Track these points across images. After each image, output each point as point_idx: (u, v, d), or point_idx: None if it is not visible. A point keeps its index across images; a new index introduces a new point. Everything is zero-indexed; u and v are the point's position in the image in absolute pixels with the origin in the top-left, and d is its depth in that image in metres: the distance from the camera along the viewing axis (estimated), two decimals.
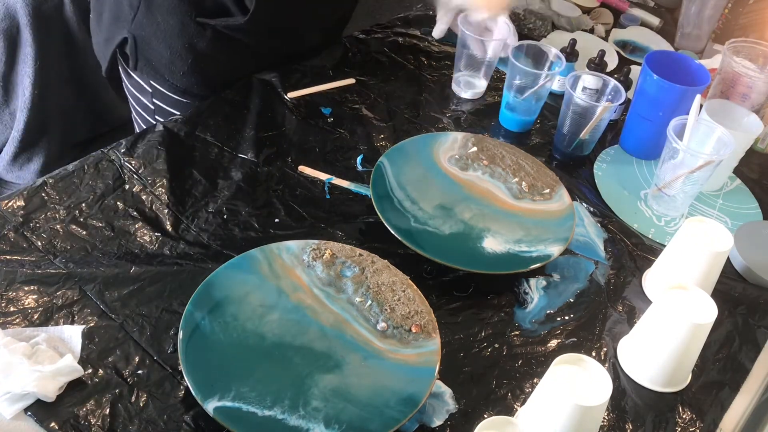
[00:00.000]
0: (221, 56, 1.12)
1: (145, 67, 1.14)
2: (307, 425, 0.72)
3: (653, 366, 0.82)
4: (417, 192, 1.00)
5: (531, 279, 0.93)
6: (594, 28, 1.47)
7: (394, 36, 1.35)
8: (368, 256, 0.88)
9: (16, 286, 0.81)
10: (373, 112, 1.16)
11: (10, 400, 0.70)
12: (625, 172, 1.14)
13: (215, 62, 1.13)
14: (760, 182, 1.18)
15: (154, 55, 1.12)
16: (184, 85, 1.14)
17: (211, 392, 0.72)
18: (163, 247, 0.89)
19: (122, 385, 0.74)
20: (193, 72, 1.12)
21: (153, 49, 1.11)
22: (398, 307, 0.84)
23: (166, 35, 1.09)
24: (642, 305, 0.92)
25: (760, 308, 0.95)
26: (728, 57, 1.15)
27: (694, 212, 1.09)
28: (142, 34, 1.10)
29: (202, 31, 1.09)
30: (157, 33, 1.09)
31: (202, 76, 1.13)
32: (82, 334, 0.77)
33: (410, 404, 0.74)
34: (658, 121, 1.10)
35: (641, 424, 0.80)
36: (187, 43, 1.10)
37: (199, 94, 1.15)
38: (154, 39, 1.10)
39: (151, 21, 1.09)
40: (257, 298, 0.83)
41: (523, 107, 1.16)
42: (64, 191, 0.93)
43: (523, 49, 1.17)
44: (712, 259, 0.87)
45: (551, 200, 1.02)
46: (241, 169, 1.01)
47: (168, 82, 1.14)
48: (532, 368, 0.83)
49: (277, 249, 0.87)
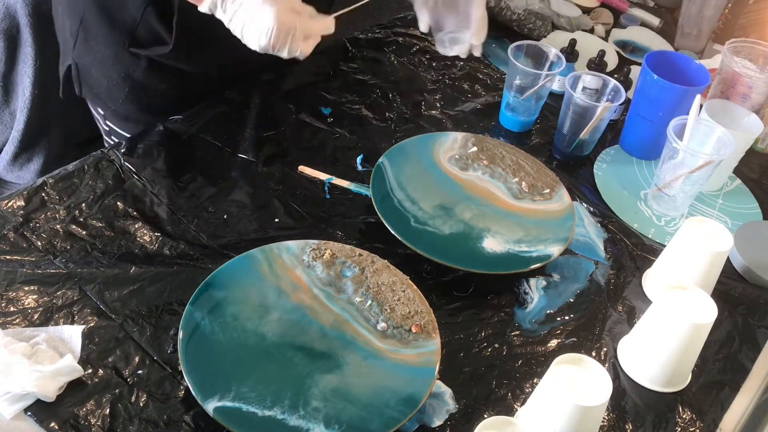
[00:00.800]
0: (161, 84, 1.09)
1: (89, 94, 1.13)
2: (307, 425, 0.72)
3: (653, 366, 0.82)
4: (417, 192, 1.00)
5: (531, 279, 0.93)
6: (594, 28, 1.47)
7: (394, 36, 1.35)
8: (368, 256, 0.88)
9: (16, 286, 0.81)
10: (373, 112, 1.16)
11: (10, 400, 0.70)
12: (625, 172, 1.14)
13: (154, 90, 1.10)
14: (760, 182, 1.18)
15: (95, 83, 1.10)
16: (125, 112, 1.12)
17: (211, 392, 0.72)
18: (163, 247, 0.89)
19: (122, 385, 0.74)
20: (131, 100, 1.10)
21: (93, 77, 1.10)
22: (398, 307, 0.84)
23: (102, 65, 1.08)
24: (642, 305, 0.92)
25: (760, 308, 0.95)
26: (728, 57, 1.15)
27: (694, 212, 1.09)
28: (83, 62, 1.09)
29: (137, 61, 1.06)
30: (94, 62, 1.08)
31: (141, 104, 1.10)
32: (82, 334, 0.77)
33: (410, 404, 0.74)
34: (658, 121, 1.10)
35: (641, 424, 0.80)
36: (123, 72, 1.07)
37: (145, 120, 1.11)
38: (93, 68, 1.09)
39: (89, 50, 1.07)
40: (257, 298, 0.83)
41: (523, 107, 1.16)
42: (64, 191, 0.93)
43: (523, 49, 1.17)
44: (712, 259, 0.87)
45: (551, 200, 1.02)
46: (241, 169, 1.01)
47: (110, 108, 1.12)
48: (532, 368, 0.83)
49: (277, 249, 0.87)
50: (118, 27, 1.04)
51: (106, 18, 1.04)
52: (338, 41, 1.31)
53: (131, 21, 1.02)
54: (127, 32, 1.04)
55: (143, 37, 1.04)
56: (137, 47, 1.05)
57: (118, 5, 1.03)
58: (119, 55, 1.06)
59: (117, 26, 1.04)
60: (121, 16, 1.03)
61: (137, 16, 1.02)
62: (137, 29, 1.03)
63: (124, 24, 1.03)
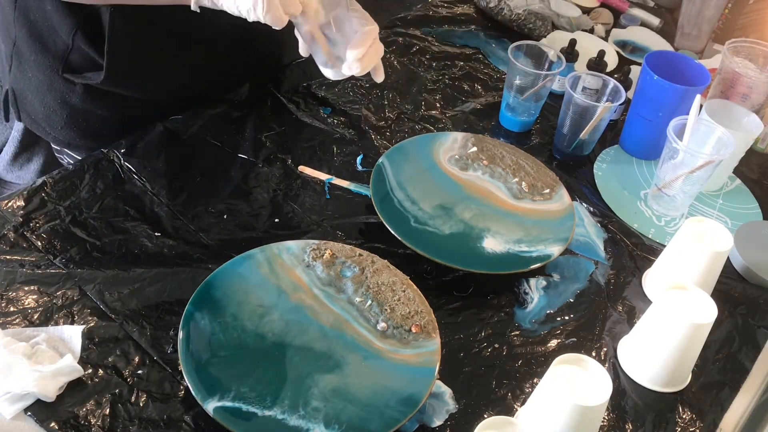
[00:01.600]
0: (100, 110, 1.04)
1: (27, 120, 1.09)
2: (307, 425, 0.72)
3: (653, 366, 0.82)
4: (417, 192, 1.00)
5: (531, 279, 0.93)
6: (594, 28, 1.47)
7: (394, 36, 1.35)
8: (368, 256, 0.88)
9: (16, 286, 0.81)
10: (373, 112, 1.16)
11: (10, 400, 0.70)
12: (625, 172, 1.14)
13: (94, 116, 1.04)
14: (760, 182, 1.18)
15: (32, 110, 1.06)
16: (66, 138, 1.07)
17: (211, 392, 0.72)
18: (163, 247, 0.89)
19: (122, 385, 0.74)
20: (71, 126, 1.05)
21: (29, 103, 1.06)
22: (398, 307, 0.84)
23: (38, 90, 1.03)
24: (642, 305, 0.92)
25: (760, 308, 0.95)
26: (728, 57, 1.15)
27: (694, 212, 1.09)
28: (19, 87, 1.06)
29: (72, 86, 1.01)
30: (30, 87, 1.04)
31: (82, 130, 1.05)
32: (82, 334, 0.77)
33: (410, 404, 0.74)
34: (658, 121, 1.10)
35: (641, 424, 0.80)
36: (59, 98, 1.03)
37: (89, 146, 1.07)
38: (29, 93, 1.05)
39: (24, 75, 1.03)
40: (257, 298, 0.83)
41: (523, 107, 1.16)
42: (64, 191, 0.93)
43: (523, 49, 1.17)
44: (712, 259, 0.87)
45: (551, 200, 1.02)
46: (241, 169, 1.01)
47: (51, 135, 1.07)
48: (532, 368, 0.83)
49: (277, 249, 0.87)
50: (50, 52, 0.99)
51: (37, 43, 0.99)
52: None
53: (63, 46, 0.98)
54: (59, 58, 0.99)
55: (77, 63, 0.99)
56: (71, 73, 1.00)
57: (48, 30, 0.98)
58: (54, 81, 1.02)
59: (49, 51, 0.99)
60: (53, 41, 0.98)
61: (68, 42, 0.97)
62: (70, 55, 0.98)
63: (56, 49, 0.99)
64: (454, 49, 1.35)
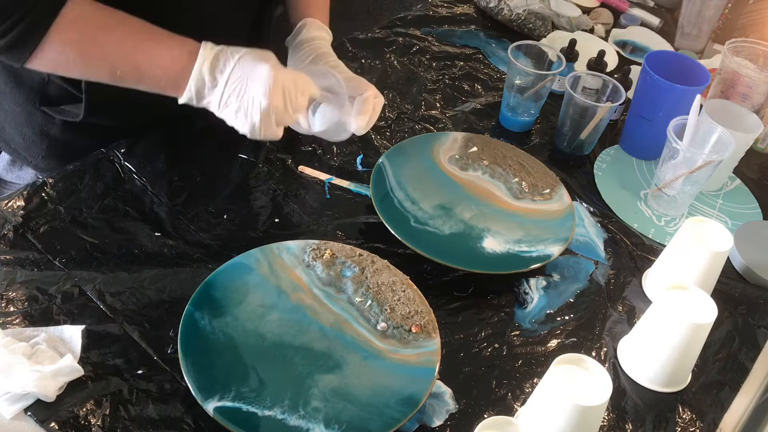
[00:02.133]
0: (80, 140, 1.01)
1: (7, 149, 1.06)
2: (307, 425, 0.72)
3: (653, 366, 0.82)
4: (417, 192, 1.00)
5: (531, 279, 0.93)
6: (594, 28, 1.47)
7: (394, 36, 1.35)
8: (368, 256, 0.88)
9: (16, 286, 0.81)
10: None
11: (10, 400, 0.70)
12: (625, 172, 1.14)
13: (75, 146, 1.01)
14: (760, 182, 1.18)
15: (11, 140, 1.04)
16: (48, 167, 1.04)
17: (211, 392, 0.72)
18: (163, 247, 0.89)
19: (122, 385, 0.74)
20: (52, 156, 1.03)
21: (8, 134, 1.03)
22: (398, 307, 0.84)
23: (16, 122, 1.01)
24: (642, 305, 0.92)
25: (760, 308, 0.95)
26: (728, 57, 1.15)
27: (694, 212, 1.09)
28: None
29: (51, 118, 0.99)
30: (8, 119, 1.01)
31: (63, 159, 1.01)
32: (82, 334, 0.77)
33: (410, 404, 0.74)
34: (658, 121, 1.10)
35: (641, 424, 0.80)
36: (38, 129, 1.00)
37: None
38: (6, 124, 1.02)
39: (0, 107, 1.01)
40: (257, 298, 0.83)
41: (523, 107, 1.16)
42: (64, 191, 0.93)
43: (523, 49, 1.17)
44: (712, 259, 0.87)
45: (551, 200, 1.02)
46: (241, 169, 1.01)
47: (32, 163, 1.05)
48: (532, 368, 0.83)
49: (277, 249, 0.87)
50: (26, 85, 0.97)
51: (12, 76, 0.97)
52: (338, 41, 1.31)
53: (39, 80, 0.96)
54: (36, 91, 0.97)
55: (54, 95, 0.97)
56: (48, 106, 0.98)
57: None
58: (31, 114, 0.99)
59: (25, 84, 0.97)
60: (28, 75, 0.96)
61: (44, 75, 0.95)
62: (46, 88, 0.96)
63: (32, 83, 0.96)
64: (454, 49, 1.35)
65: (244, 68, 0.80)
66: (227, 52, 0.81)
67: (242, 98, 0.81)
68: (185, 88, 0.81)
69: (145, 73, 0.81)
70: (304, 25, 0.98)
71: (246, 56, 0.81)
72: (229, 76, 0.80)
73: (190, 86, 0.81)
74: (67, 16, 0.77)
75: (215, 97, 0.82)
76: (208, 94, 0.82)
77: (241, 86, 0.81)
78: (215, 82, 0.81)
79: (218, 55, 0.81)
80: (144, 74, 0.81)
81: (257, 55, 0.81)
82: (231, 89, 0.81)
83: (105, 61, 0.80)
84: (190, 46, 0.81)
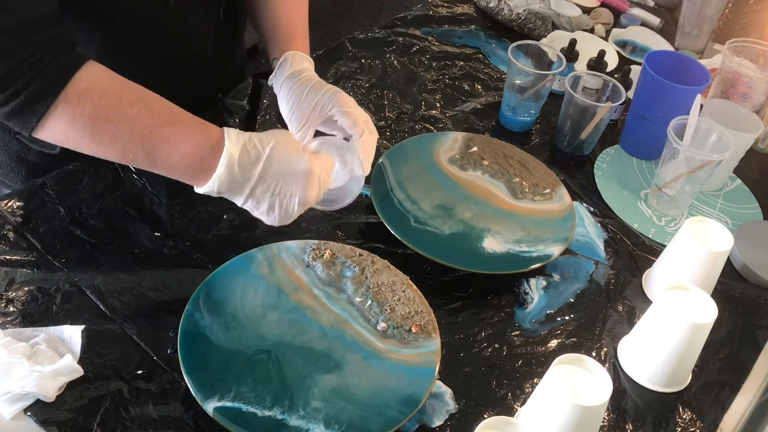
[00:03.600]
0: (59, 164, 0.96)
1: None
2: (307, 425, 0.72)
3: (653, 366, 0.82)
4: (417, 192, 1.00)
5: (531, 279, 0.93)
6: (594, 28, 1.47)
7: (394, 36, 1.35)
8: (368, 256, 0.88)
9: (16, 286, 0.81)
10: (373, 112, 1.16)
11: (10, 400, 0.70)
12: (625, 172, 1.14)
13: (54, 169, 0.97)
14: (760, 182, 1.18)
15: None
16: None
17: (211, 392, 0.72)
18: (163, 247, 0.89)
19: (122, 385, 0.74)
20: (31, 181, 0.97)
21: None
22: (398, 307, 0.84)
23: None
24: (642, 305, 0.92)
25: (760, 308, 0.95)
26: (728, 57, 1.15)
27: (694, 212, 1.09)
28: None
29: (28, 146, 0.97)
30: None
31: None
32: (81, 334, 0.77)
33: (410, 404, 0.74)
34: (658, 121, 1.10)
35: (641, 424, 0.80)
36: (15, 157, 0.99)
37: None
38: None
39: None
40: (257, 298, 0.83)
41: (523, 107, 1.16)
42: (64, 191, 0.93)
43: (523, 49, 1.17)
44: (712, 259, 0.87)
45: (551, 200, 1.02)
46: None
47: (12, 187, 1.03)
48: (532, 368, 0.83)
49: (277, 249, 0.87)
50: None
51: None
52: (338, 41, 1.31)
53: None
54: None
55: None
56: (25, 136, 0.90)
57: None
58: (8, 143, 0.98)
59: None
60: None
61: None
62: None
63: None
64: (454, 49, 1.35)
65: (279, 162, 0.76)
66: (255, 142, 0.76)
67: (278, 195, 0.76)
68: (206, 180, 0.76)
69: (160, 160, 0.75)
70: (286, 59, 0.93)
71: (278, 149, 0.76)
72: (263, 171, 0.75)
73: (214, 182, 0.75)
74: (80, 83, 0.72)
75: (244, 192, 0.76)
76: (234, 188, 0.76)
77: (277, 183, 0.76)
78: (246, 176, 0.75)
79: (246, 147, 0.75)
80: (158, 161, 0.75)
81: (286, 143, 0.77)
82: (265, 186, 0.76)
83: (117, 140, 0.74)
84: (213, 134, 0.76)
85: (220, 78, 1.10)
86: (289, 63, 0.93)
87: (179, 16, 0.93)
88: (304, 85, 0.89)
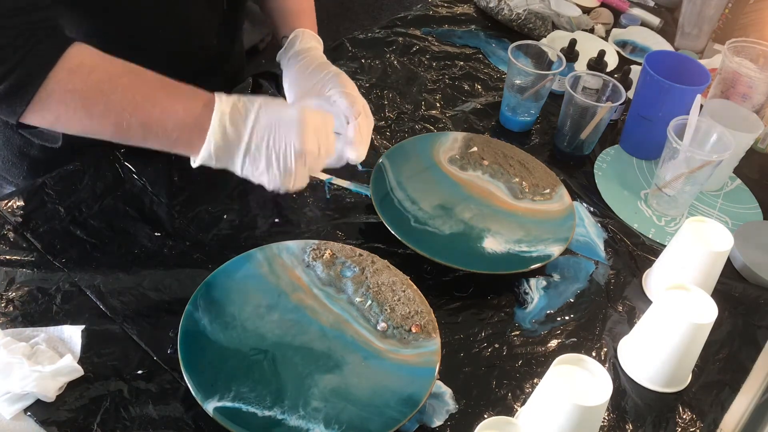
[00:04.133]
0: (61, 158, 0.96)
1: None
2: (307, 425, 0.72)
3: (653, 366, 0.82)
4: (417, 192, 1.00)
5: (531, 279, 0.93)
6: (594, 28, 1.47)
7: (394, 36, 1.35)
8: (368, 256, 0.88)
9: (16, 286, 0.81)
10: (373, 112, 1.15)
11: (10, 400, 0.70)
12: (625, 172, 1.14)
13: (56, 164, 0.96)
14: (760, 182, 1.18)
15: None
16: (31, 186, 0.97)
17: (211, 392, 0.72)
18: (163, 247, 0.89)
19: (122, 385, 0.74)
20: (33, 176, 1.00)
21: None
22: (398, 307, 0.84)
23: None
24: (642, 305, 0.92)
25: (760, 308, 0.95)
26: (728, 57, 1.15)
27: (694, 212, 1.09)
28: None
29: (30, 140, 0.96)
30: None
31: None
32: (81, 334, 0.77)
33: (410, 404, 0.74)
34: (658, 121, 1.10)
35: (641, 424, 0.80)
36: (17, 152, 0.99)
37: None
38: None
39: None
40: (257, 298, 0.83)
41: (523, 107, 1.16)
42: (64, 191, 0.93)
43: (523, 49, 1.17)
44: (712, 259, 0.87)
45: (551, 200, 1.02)
46: None
47: (13, 183, 1.03)
48: (532, 368, 0.83)
49: (277, 249, 0.87)
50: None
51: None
52: (338, 41, 1.31)
53: None
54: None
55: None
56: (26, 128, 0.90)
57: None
58: (10, 138, 0.98)
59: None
60: None
61: None
62: None
63: None
64: (454, 49, 1.35)
65: (269, 114, 0.76)
66: (244, 100, 0.77)
67: (273, 145, 0.76)
68: (201, 142, 0.75)
69: (155, 126, 0.75)
70: (296, 36, 0.95)
71: (267, 102, 0.77)
72: (254, 123, 0.76)
73: (209, 139, 0.75)
74: (69, 62, 0.71)
75: (239, 150, 0.76)
76: (230, 147, 0.76)
77: (269, 133, 0.76)
78: (238, 131, 0.75)
79: (236, 104, 0.76)
80: (153, 127, 0.75)
81: (275, 101, 0.77)
82: (259, 137, 0.76)
83: (110, 112, 0.73)
84: (204, 96, 0.76)
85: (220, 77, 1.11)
86: (299, 40, 0.95)
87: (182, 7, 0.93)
88: (309, 63, 0.91)
